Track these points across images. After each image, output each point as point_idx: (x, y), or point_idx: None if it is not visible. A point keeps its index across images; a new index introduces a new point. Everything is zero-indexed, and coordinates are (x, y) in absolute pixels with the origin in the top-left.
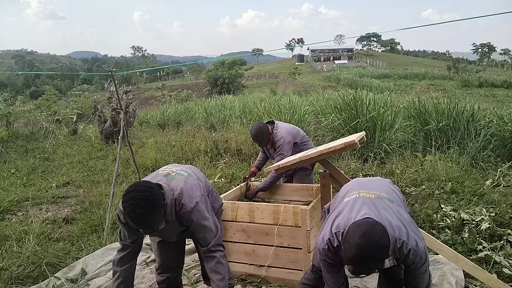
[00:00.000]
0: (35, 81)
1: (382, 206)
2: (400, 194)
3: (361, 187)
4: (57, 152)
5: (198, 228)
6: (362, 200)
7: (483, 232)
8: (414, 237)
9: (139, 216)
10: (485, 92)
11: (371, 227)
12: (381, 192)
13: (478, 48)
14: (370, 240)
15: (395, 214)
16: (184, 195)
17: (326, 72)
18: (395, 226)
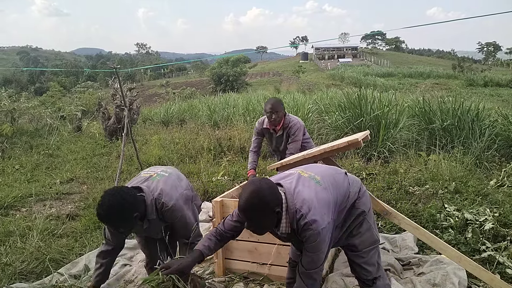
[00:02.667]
0: (39, 78)
1: (305, 184)
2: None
3: (305, 168)
4: (61, 148)
5: (179, 224)
6: (293, 175)
7: (486, 232)
8: (317, 215)
9: (102, 218)
10: (490, 91)
11: (259, 183)
12: (316, 175)
13: (484, 47)
14: (254, 191)
15: (312, 193)
16: (164, 194)
17: (330, 70)
18: (302, 200)
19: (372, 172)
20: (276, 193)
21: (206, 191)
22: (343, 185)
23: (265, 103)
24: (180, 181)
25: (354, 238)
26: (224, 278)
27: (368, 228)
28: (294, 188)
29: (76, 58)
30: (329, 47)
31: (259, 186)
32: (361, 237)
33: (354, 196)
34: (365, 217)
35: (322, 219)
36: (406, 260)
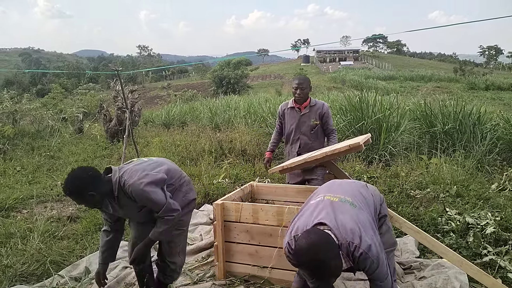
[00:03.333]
0: (41, 79)
1: (341, 210)
2: (374, 197)
3: (329, 190)
4: (63, 150)
5: (145, 200)
6: (324, 203)
7: (488, 236)
8: (368, 241)
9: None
10: (491, 95)
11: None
12: (346, 196)
13: (485, 51)
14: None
15: (352, 218)
16: (126, 173)
17: (332, 73)
18: (349, 230)
19: (373, 175)
20: (330, 238)
21: (207, 193)
22: (370, 198)
23: (293, 79)
24: (159, 166)
25: None
26: (224, 281)
27: (387, 229)
28: (335, 220)
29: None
30: (330, 50)
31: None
32: (382, 237)
33: (378, 206)
34: (385, 219)
35: (373, 243)
36: (407, 264)
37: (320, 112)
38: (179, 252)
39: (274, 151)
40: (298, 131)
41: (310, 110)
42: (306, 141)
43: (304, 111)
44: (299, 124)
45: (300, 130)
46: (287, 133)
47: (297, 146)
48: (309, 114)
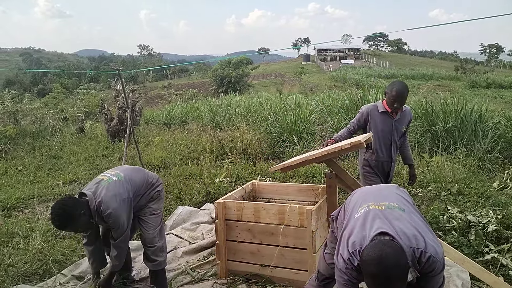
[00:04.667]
0: (42, 79)
1: (394, 217)
2: (409, 197)
3: (369, 199)
4: (64, 150)
5: (112, 227)
6: (373, 213)
7: (489, 234)
8: (431, 243)
9: (58, 227)
10: (492, 93)
11: (387, 248)
12: (390, 202)
13: (486, 49)
14: (388, 262)
15: (409, 223)
16: (103, 202)
17: (333, 72)
18: (411, 236)
19: None
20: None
21: (209, 192)
22: (410, 199)
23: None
24: (127, 184)
25: None
26: (226, 280)
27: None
28: (393, 227)
29: (78, 60)
30: (331, 48)
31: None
32: None
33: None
34: None
35: (436, 245)
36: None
37: (409, 119)
38: (157, 236)
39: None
40: (391, 138)
41: (401, 117)
42: (396, 150)
43: (397, 117)
44: (392, 131)
45: (393, 137)
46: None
47: (390, 154)
48: (401, 121)
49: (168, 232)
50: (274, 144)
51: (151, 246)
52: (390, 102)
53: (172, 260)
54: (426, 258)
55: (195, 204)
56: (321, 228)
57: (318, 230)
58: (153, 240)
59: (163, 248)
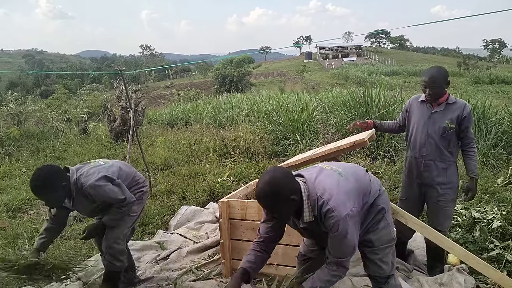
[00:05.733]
0: (45, 81)
1: (326, 174)
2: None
3: (329, 163)
4: (68, 151)
5: (101, 198)
6: (315, 168)
7: (494, 230)
8: (339, 202)
9: (35, 188)
10: (496, 88)
11: (274, 171)
12: (338, 168)
13: (489, 44)
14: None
15: (334, 181)
16: (84, 175)
17: (335, 70)
18: (324, 188)
19: (378, 171)
20: (291, 181)
21: (212, 192)
22: (365, 179)
23: (426, 71)
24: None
25: (370, 234)
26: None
27: (385, 225)
28: (315, 177)
29: (81, 61)
30: (333, 46)
31: (273, 174)
32: (378, 233)
33: (375, 193)
34: (384, 214)
35: (344, 206)
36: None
37: (459, 114)
38: (120, 238)
39: (376, 124)
40: (425, 132)
41: (445, 108)
42: (434, 148)
43: (438, 108)
44: (428, 123)
45: (427, 131)
46: (409, 134)
47: (423, 151)
48: (444, 113)
49: (173, 231)
50: (277, 142)
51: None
52: (423, 88)
53: (177, 259)
54: (326, 209)
55: (199, 203)
56: None
57: None
58: (118, 240)
59: (120, 252)
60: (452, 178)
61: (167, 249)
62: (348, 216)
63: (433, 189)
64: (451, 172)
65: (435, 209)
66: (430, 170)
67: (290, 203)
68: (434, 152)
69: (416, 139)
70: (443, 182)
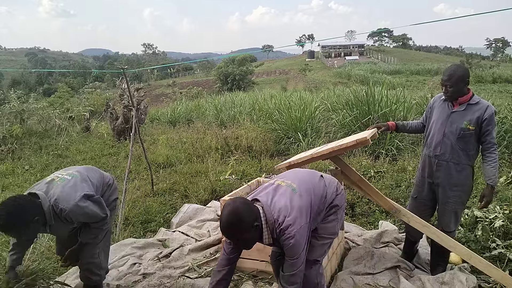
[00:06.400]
0: (48, 79)
1: (281, 193)
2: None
3: (284, 176)
4: (70, 149)
5: (82, 218)
6: (271, 186)
7: (496, 229)
8: (291, 219)
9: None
10: (499, 88)
11: (233, 203)
12: (293, 183)
13: (492, 43)
14: (230, 212)
15: (288, 200)
16: (60, 199)
17: (337, 68)
18: (279, 210)
19: (380, 170)
20: (252, 209)
21: (214, 190)
22: (319, 187)
23: (444, 71)
24: (84, 182)
25: (320, 224)
26: (233, 277)
27: (334, 219)
28: (271, 199)
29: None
30: (335, 45)
31: (234, 206)
32: (326, 224)
33: (331, 196)
34: (337, 210)
35: (295, 223)
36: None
37: (479, 116)
38: (98, 253)
39: (399, 127)
40: (442, 131)
41: (466, 109)
42: (449, 148)
43: (458, 107)
44: (446, 122)
45: (444, 130)
46: (427, 131)
47: (438, 150)
48: (463, 114)
49: (175, 229)
50: (279, 141)
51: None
52: (442, 86)
53: (179, 257)
54: (279, 229)
55: (201, 201)
56: None
57: None
58: (94, 254)
59: (100, 266)
60: (465, 181)
61: (169, 247)
62: (298, 233)
63: (443, 190)
64: (465, 175)
65: (443, 209)
66: (442, 170)
67: (254, 230)
68: (449, 152)
69: (433, 137)
70: (454, 184)
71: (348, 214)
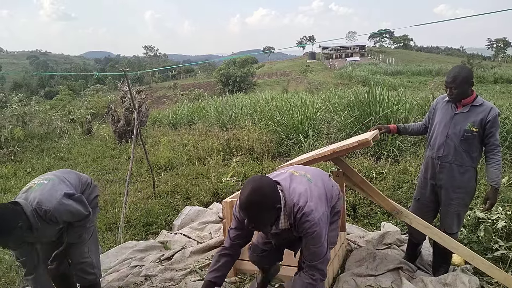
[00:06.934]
0: (49, 82)
1: (298, 181)
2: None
3: (296, 168)
4: (72, 151)
5: (66, 218)
6: (286, 173)
7: (499, 230)
8: (312, 206)
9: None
10: (500, 88)
11: (260, 180)
12: (307, 173)
13: (493, 44)
14: (254, 188)
15: (305, 187)
16: (43, 201)
17: (338, 70)
18: (299, 195)
19: (382, 171)
20: (276, 190)
21: (216, 192)
22: (330, 184)
23: (447, 72)
24: (62, 183)
25: None
26: (234, 279)
27: (336, 228)
28: (290, 184)
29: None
30: (336, 46)
31: (259, 184)
32: (330, 233)
33: (336, 198)
34: (339, 217)
35: (317, 210)
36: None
37: (483, 118)
38: (88, 252)
39: (400, 129)
40: (445, 133)
41: (470, 110)
42: (452, 150)
43: (461, 109)
44: (449, 124)
45: (447, 132)
46: (430, 132)
47: (441, 152)
48: (467, 115)
49: (176, 231)
50: (280, 142)
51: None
52: (445, 88)
53: (181, 259)
54: (301, 214)
55: (203, 203)
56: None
57: None
58: (84, 254)
59: (92, 264)
60: (468, 183)
61: (171, 249)
62: (321, 219)
63: (446, 192)
64: (468, 177)
65: (446, 211)
66: (445, 172)
67: (273, 212)
68: (452, 154)
69: (436, 139)
70: (457, 186)
71: (350, 215)
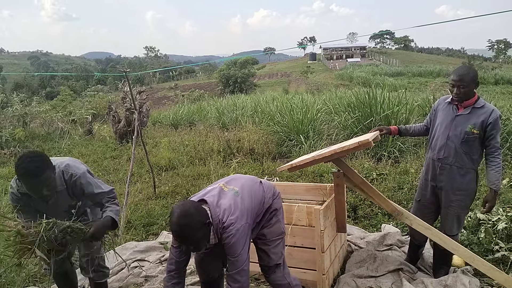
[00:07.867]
0: (50, 82)
1: (224, 196)
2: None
3: (227, 181)
4: (73, 152)
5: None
6: (215, 190)
7: (499, 232)
8: (233, 218)
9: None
10: (501, 89)
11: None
12: (235, 187)
13: (494, 45)
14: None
15: (230, 202)
16: (71, 166)
17: (339, 70)
18: (223, 210)
19: (383, 172)
20: (202, 209)
21: None
22: (259, 192)
23: (453, 71)
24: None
25: (264, 229)
26: None
27: (276, 221)
28: (217, 201)
29: (86, 62)
30: (337, 47)
31: (183, 207)
32: (270, 228)
33: (269, 201)
34: (276, 213)
35: (237, 222)
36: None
37: (484, 120)
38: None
39: (401, 130)
40: (446, 134)
41: (471, 112)
42: (452, 152)
43: (463, 111)
44: (450, 125)
45: (448, 133)
46: (432, 134)
47: (441, 154)
48: (468, 117)
49: None
50: (281, 143)
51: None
52: (450, 87)
53: None
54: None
55: None
56: (329, 228)
57: (327, 229)
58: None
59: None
60: (468, 185)
61: None
62: (238, 231)
63: (446, 194)
64: (468, 179)
65: (446, 213)
66: (446, 173)
67: (204, 228)
68: (452, 156)
69: (437, 140)
70: (457, 188)
71: (350, 216)
